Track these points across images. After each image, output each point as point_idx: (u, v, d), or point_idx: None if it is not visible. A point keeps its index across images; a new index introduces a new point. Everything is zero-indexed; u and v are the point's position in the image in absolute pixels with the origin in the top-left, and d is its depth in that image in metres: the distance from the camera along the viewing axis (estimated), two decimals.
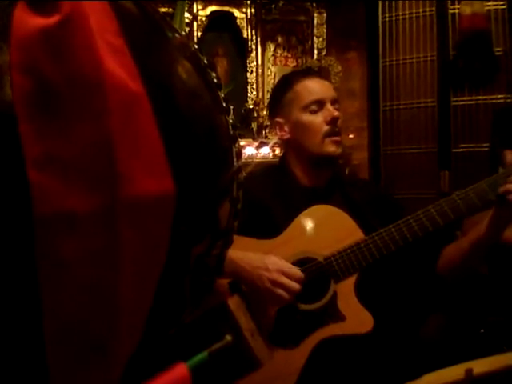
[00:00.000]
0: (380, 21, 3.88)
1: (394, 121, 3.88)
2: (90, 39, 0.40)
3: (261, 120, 3.83)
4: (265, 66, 3.97)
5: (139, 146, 0.42)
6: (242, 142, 3.54)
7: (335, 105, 1.70)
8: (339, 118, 1.69)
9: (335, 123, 1.67)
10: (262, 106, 3.85)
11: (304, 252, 1.58)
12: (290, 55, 4.03)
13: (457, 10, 3.65)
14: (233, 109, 0.55)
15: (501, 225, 1.47)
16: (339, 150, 1.68)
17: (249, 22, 3.87)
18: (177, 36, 0.51)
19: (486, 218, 1.48)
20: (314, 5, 3.98)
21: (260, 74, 3.94)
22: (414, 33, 3.80)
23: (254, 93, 3.91)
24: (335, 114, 1.67)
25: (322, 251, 1.56)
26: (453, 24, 3.68)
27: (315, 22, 3.98)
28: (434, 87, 3.76)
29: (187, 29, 3.61)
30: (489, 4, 3.56)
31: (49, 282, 0.41)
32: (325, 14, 3.99)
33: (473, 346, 1.74)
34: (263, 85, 3.95)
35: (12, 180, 0.39)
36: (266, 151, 3.69)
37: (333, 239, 1.58)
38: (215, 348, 0.50)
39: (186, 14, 3.59)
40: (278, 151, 3.64)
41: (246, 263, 1.52)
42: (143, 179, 0.42)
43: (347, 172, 3.57)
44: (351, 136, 4.06)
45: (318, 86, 1.72)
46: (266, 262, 1.51)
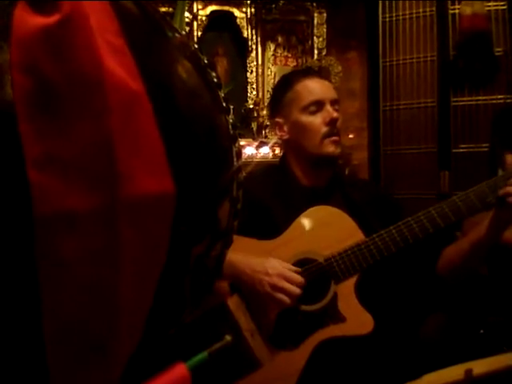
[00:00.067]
0: (380, 21, 3.88)
1: (394, 121, 3.88)
2: (90, 39, 0.40)
3: (261, 120, 3.83)
4: (265, 66, 3.97)
5: (139, 145, 0.42)
6: (242, 142, 3.54)
7: (335, 105, 1.69)
8: (338, 119, 1.68)
9: (334, 124, 1.66)
10: (261, 105, 3.85)
11: (304, 253, 1.58)
12: (290, 55, 4.03)
13: (457, 11, 3.65)
14: (233, 108, 0.55)
15: (500, 226, 1.47)
16: (338, 149, 1.68)
17: (249, 21, 3.87)
18: (177, 36, 0.51)
19: (486, 218, 1.48)
20: (314, 4, 3.98)
21: (260, 73, 3.94)
22: (414, 33, 3.80)
23: (254, 93, 3.91)
24: (334, 115, 1.66)
25: (322, 252, 1.56)
26: (453, 24, 3.67)
27: (315, 21, 3.98)
28: (434, 87, 3.76)
29: (187, 28, 3.61)
30: (489, 4, 3.56)
31: (49, 282, 0.41)
32: (325, 14, 3.99)
33: (473, 347, 1.73)
34: (263, 85, 3.95)
35: (12, 180, 0.39)
36: (265, 151, 3.69)
37: (333, 240, 1.58)
38: (215, 348, 0.50)
39: (186, 14, 3.58)
40: (277, 151, 3.64)
41: (247, 267, 1.51)
42: (143, 179, 0.41)
43: (347, 172, 3.57)
44: (351, 136, 4.06)
45: (318, 87, 1.71)
46: (266, 266, 1.50)
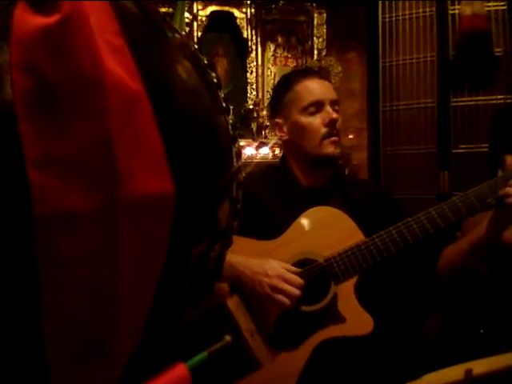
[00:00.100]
0: (380, 21, 3.88)
1: (394, 121, 3.88)
2: (90, 39, 0.40)
3: (260, 120, 3.83)
4: (265, 67, 3.97)
5: (139, 145, 0.42)
6: (242, 143, 3.54)
7: (335, 106, 1.68)
8: (338, 120, 1.67)
9: (333, 125, 1.65)
10: (261, 106, 3.85)
11: (304, 253, 1.57)
12: (289, 55, 4.03)
13: (457, 11, 3.65)
14: (232, 109, 0.55)
15: (500, 226, 1.47)
16: (337, 150, 1.67)
17: (249, 22, 3.87)
18: (177, 36, 0.51)
19: (486, 218, 1.48)
20: (314, 5, 3.98)
21: (260, 74, 3.94)
22: (414, 33, 3.80)
23: (254, 93, 3.91)
24: (334, 116, 1.65)
25: (322, 252, 1.56)
26: (453, 24, 3.67)
27: (315, 22, 3.98)
28: (434, 88, 3.76)
29: (187, 29, 3.61)
30: (489, 4, 3.56)
31: (49, 282, 0.41)
32: (325, 15, 3.99)
33: (473, 347, 1.73)
34: (263, 85, 3.95)
35: (12, 179, 0.39)
36: (265, 151, 3.69)
37: (333, 240, 1.58)
38: (215, 348, 0.50)
39: (186, 14, 3.59)
40: (277, 151, 3.64)
41: (246, 268, 1.51)
42: (143, 178, 0.41)
43: (347, 172, 3.57)
44: (351, 136, 4.06)
45: (318, 87, 1.70)
46: (265, 268, 1.50)
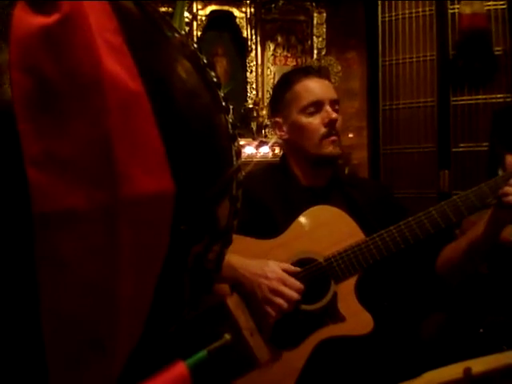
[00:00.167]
0: (380, 20, 3.88)
1: (394, 120, 3.88)
2: (90, 38, 0.40)
3: (260, 119, 3.84)
4: (264, 66, 3.97)
5: (138, 144, 0.42)
6: (242, 142, 3.54)
7: (335, 105, 1.67)
8: (337, 120, 1.66)
9: (333, 125, 1.65)
10: (261, 105, 3.85)
11: (304, 252, 1.57)
12: (289, 55, 4.03)
13: (457, 10, 3.65)
14: (232, 108, 0.55)
15: (499, 225, 1.47)
16: (337, 149, 1.66)
17: (248, 21, 3.87)
18: (176, 35, 0.51)
19: (484, 217, 1.48)
20: (314, 4, 3.98)
21: (259, 73, 3.94)
22: (414, 32, 3.80)
23: (254, 92, 3.91)
24: (333, 116, 1.64)
25: (322, 252, 1.56)
26: (452, 23, 3.68)
27: (315, 21, 3.99)
28: (434, 87, 3.76)
29: (187, 28, 3.61)
30: (489, 4, 3.56)
31: (48, 281, 0.41)
32: (324, 14, 4.00)
33: (472, 346, 1.74)
34: (263, 84, 3.95)
35: (11, 179, 0.39)
36: (265, 150, 3.69)
37: (333, 240, 1.57)
38: (214, 347, 0.50)
39: (186, 14, 3.59)
40: (277, 150, 3.64)
41: (246, 270, 1.50)
42: (142, 178, 0.42)
43: (347, 171, 3.57)
44: (351, 135, 4.06)
45: (318, 87, 1.69)
46: (265, 270, 1.49)
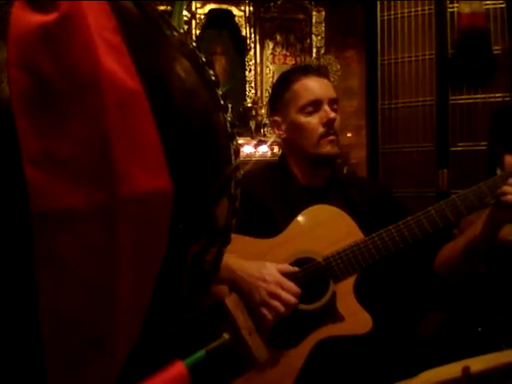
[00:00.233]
0: (379, 19, 3.88)
1: (393, 119, 3.88)
2: (88, 37, 0.40)
3: (259, 118, 3.84)
4: (263, 64, 3.97)
5: (136, 143, 0.42)
6: (241, 141, 3.54)
7: (333, 105, 1.67)
8: (336, 120, 1.65)
9: (331, 125, 1.64)
10: (260, 104, 3.85)
11: (303, 252, 1.57)
12: (288, 53, 4.04)
13: (456, 9, 3.65)
14: (231, 107, 0.55)
15: (497, 225, 1.47)
16: (335, 149, 1.66)
17: (247, 20, 3.87)
18: (175, 34, 0.51)
19: (484, 215, 1.48)
20: (313, 3, 3.98)
21: (258, 72, 3.94)
22: (413, 31, 3.80)
23: (253, 91, 3.91)
24: (331, 115, 1.64)
25: (321, 251, 1.55)
26: (451, 22, 3.68)
27: (314, 20, 3.99)
28: (433, 86, 3.76)
29: (186, 27, 3.61)
30: (487, 3, 3.57)
31: (47, 281, 0.41)
32: (323, 13, 4.00)
33: (471, 344, 1.74)
34: (262, 83, 3.95)
35: (9, 177, 0.39)
36: (264, 149, 3.69)
37: (332, 239, 1.57)
38: (213, 346, 0.50)
39: (185, 12, 3.59)
40: (276, 149, 3.64)
41: (244, 272, 1.50)
42: (141, 176, 0.41)
43: (345, 170, 3.57)
44: (349, 134, 4.06)
45: (316, 86, 1.68)
46: (263, 273, 1.49)
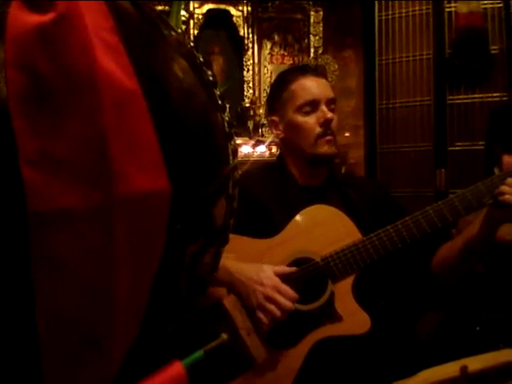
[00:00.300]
0: (376, 19, 3.88)
1: (391, 119, 3.88)
2: (85, 37, 0.40)
3: (257, 118, 3.83)
4: (261, 64, 3.97)
5: (134, 143, 0.42)
6: (239, 141, 3.54)
7: (331, 105, 1.67)
8: (333, 120, 1.65)
9: (328, 125, 1.64)
10: (258, 104, 3.85)
11: (301, 252, 1.57)
12: (286, 53, 4.03)
13: (453, 9, 3.65)
14: (229, 107, 0.55)
15: (494, 224, 1.47)
16: (332, 149, 1.66)
17: (245, 20, 3.87)
18: (173, 34, 0.51)
19: (480, 216, 1.48)
20: (311, 3, 3.98)
21: (256, 72, 3.94)
22: (411, 31, 3.80)
23: (251, 91, 3.91)
24: (328, 115, 1.64)
25: (319, 251, 1.55)
26: (449, 22, 3.68)
27: (312, 20, 3.99)
28: (431, 85, 3.76)
29: (184, 27, 3.61)
30: (485, 2, 3.57)
31: (44, 281, 0.41)
32: (321, 13, 4.00)
33: (468, 344, 1.74)
34: (259, 83, 3.95)
35: (6, 177, 0.39)
36: (262, 149, 3.69)
37: (330, 239, 1.57)
38: (211, 346, 0.50)
39: (183, 12, 3.58)
40: (274, 149, 3.64)
41: (241, 274, 1.49)
42: (138, 176, 0.41)
43: (343, 170, 3.57)
44: (347, 134, 4.07)
45: (314, 86, 1.68)
46: (260, 276, 1.49)
